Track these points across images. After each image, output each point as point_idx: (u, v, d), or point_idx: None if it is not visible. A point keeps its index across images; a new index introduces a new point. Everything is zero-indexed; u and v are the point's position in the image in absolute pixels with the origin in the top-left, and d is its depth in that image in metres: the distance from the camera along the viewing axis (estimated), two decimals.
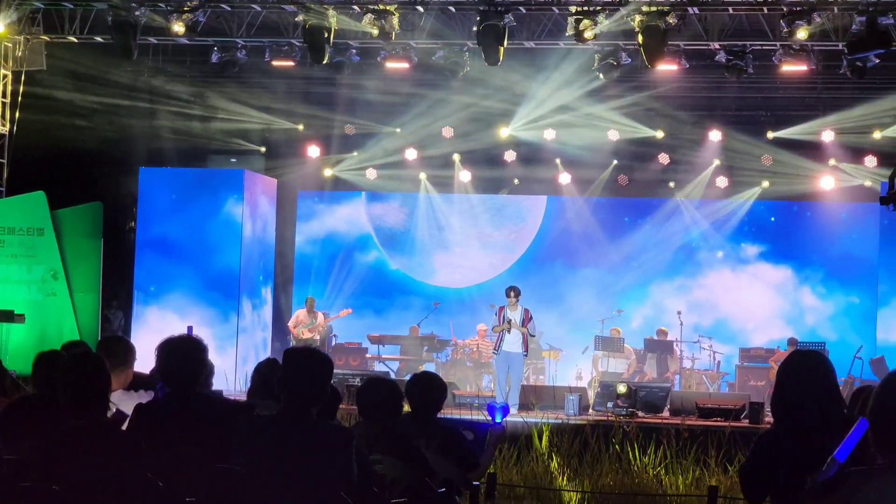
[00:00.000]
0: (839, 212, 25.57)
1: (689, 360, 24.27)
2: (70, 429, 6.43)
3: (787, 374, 6.17)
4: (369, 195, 27.70)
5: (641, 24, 18.26)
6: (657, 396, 20.16)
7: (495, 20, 18.74)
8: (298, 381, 6.59)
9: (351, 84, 22.93)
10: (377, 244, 27.72)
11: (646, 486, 15.86)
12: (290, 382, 6.61)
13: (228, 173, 24.86)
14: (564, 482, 16.06)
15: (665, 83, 22.38)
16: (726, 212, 26.32)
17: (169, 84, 22.78)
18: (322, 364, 6.70)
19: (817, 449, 5.06)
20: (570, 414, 19.02)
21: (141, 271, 24.21)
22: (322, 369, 6.67)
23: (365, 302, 26.71)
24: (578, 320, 25.88)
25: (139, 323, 23.98)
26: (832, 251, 25.62)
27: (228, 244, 24.11)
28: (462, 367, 24.84)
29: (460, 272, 27.32)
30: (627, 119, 23.82)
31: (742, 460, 12.26)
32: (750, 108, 24.03)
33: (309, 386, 6.59)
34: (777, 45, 19.53)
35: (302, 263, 27.45)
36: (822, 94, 22.73)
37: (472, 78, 21.77)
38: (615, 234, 26.78)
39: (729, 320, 26.08)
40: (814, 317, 25.80)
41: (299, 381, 6.59)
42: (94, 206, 23.49)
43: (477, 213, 27.55)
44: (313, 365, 6.67)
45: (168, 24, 19.62)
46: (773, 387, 6.44)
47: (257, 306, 24.98)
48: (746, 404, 19.10)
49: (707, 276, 26.47)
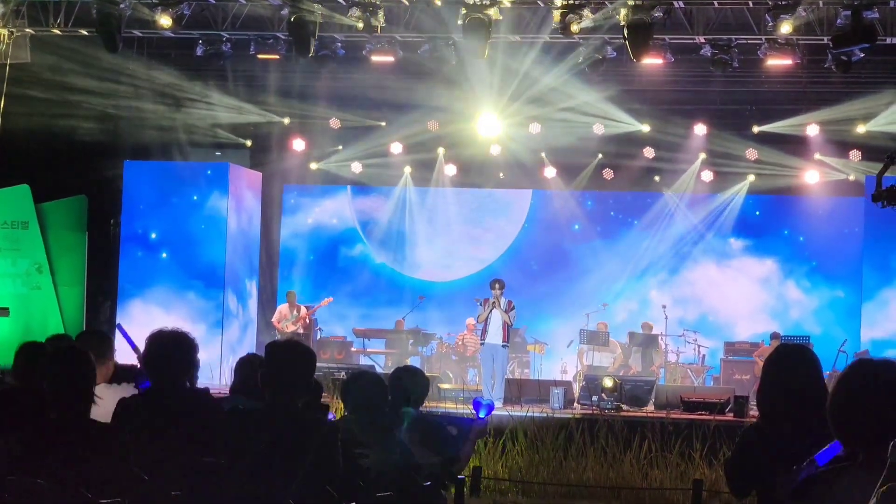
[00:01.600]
0: (824, 206, 25.61)
1: (674, 354, 24.31)
2: (55, 422, 6.42)
3: (773, 368, 6.17)
4: (354, 189, 27.68)
5: (627, 17, 18.26)
6: (642, 390, 20.20)
7: (481, 14, 18.72)
8: (282, 375, 6.59)
9: (336, 78, 22.89)
10: (362, 238, 27.70)
11: (630, 480, 15.89)
12: (274, 376, 6.61)
13: (213, 167, 24.83)
14: (549, 476, 16.09)
15: (651, 77, 22.37)
16: (711, 206, 26.35)
17: (154, 78, 22.71)
18: (305, 356, 6.69)
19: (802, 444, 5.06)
20: (555, 407, 19.05)
21: (126, 265, 24.17)
22: (305, 362, 6.67)
23: (350, 296, 26.69)
24: (563, 314, 25.90)
25: (123, 316, 23.94)
26: (817, 245, 25.67)
27: (213, 238, 24.08)
28: (447, 360, 24.86)
29: (445, 266, 27.32)
30: (613, 113, 23.81)
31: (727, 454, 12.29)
32: (735, 102, 24.04)
33: (293, 379, 6.59)
34: (762, 39, 19.55)
35: (287, 257, 27.42)
36: (808, 88, 22.74)
37: (457, 71, 21.76)
38: (600, 227, 26.80)
39: (714, 314, 26.12)
40: (798, 311, 25.85)
41: (283, 375, 6.59)
42: (79, 200, 23.48)
43: (462, 207, 27.55)
44: (296, 358, 6.67)
45: (154, 16, 19.57)
46: (758, 381, 6.46)
47: (242, 300, 24.96)
48: (731, 398, 19.14)
49: (692, 270, 26.50)
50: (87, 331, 12.32)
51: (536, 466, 16.22)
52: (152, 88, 23.06)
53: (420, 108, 23.84)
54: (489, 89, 23.18)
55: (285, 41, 20.58)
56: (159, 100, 23.60)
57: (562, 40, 19.86)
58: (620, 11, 18.32)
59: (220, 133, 24.83)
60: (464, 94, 23.31)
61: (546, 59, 21.36)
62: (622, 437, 16.74)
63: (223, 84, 23.60)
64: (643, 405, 19.75)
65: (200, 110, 24.13)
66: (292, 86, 23.87)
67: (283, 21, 19.98)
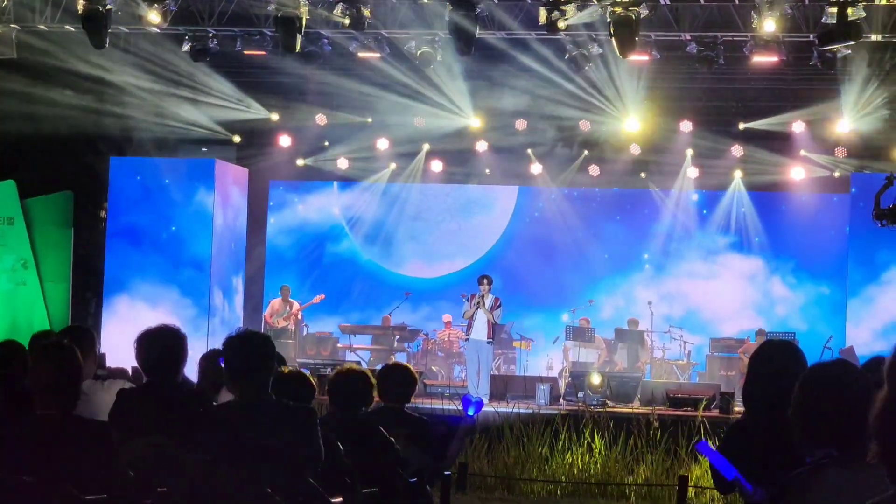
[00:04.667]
0: (809, 202, 25.66)
1: (659, 350, 24.35)
2: (40, 418, 6.42)
3: (759, 364, 6.20)
4: (341, 185, 27.68)
5: (613, 14, 18.26)
6: (628, 386, 20.25)
7: (467, 10, 18.72)
8: (245, 366, 6.63)
9: (323, 74, 22.87)
10: (349, 234, 27.70)
11: (616, 476, 15.92)
12: (238, 369, 6.65)
13: (199, 163, 24.76)
14: (535, 472, 16.11)
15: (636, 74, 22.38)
16: (697, 202, 26.41)
17: (140, 73, 22.66)
18: (259, 343, 6.73)
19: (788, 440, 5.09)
20: (540, 404, 19.09)
21: (112, 261, 24.12)
22: (261, 347, 6.70)
23: (337, 292, 26.68)
24: (549, 310, 25.94)
25: (109, 312, 23.91)
26: (802, 242, 25.72)
27: (199, 234, 24.04)
28: (433, 357, 24.89)
29: (432, 262, 27.34)
30: (598, 109, 23.81)
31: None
32: (721, 99, 24.07)
33: (255, 367, 6.62)
34: (748, 37, 19.57)
35: (273, 253, 27.41)
36: (793, 85, 22.78)
37: (443, 68, 21.77)
38: (586, 224, 26.83)
39: (699, 311, 26.16)
40: (784, 307, 25.91)
41: (246, 366, 6.63)
42: (65, 196, 23.43)
43: (448, 203, 27.57)
44: (252, 346, 6.70)
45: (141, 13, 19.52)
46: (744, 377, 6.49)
47: (228, 296, 24.93)
48: (717, 394, 19.21)
49: (678, 266, 26.54)
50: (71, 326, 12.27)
51: (522, 463, 16.25)
52: (138, 84, 23.00)
53: (406, 104, 23.83)
54: (474, 86, 23.21)
55: (272, 37, 20.56)
56: (145, 95, 23.54)
57: (548, 37, 19.86)
58: (606, 8, 18.32)
59: (207, 129, 24.78)
60: (450, 91, 23.32)
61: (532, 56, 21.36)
62: (608, 433, 16.78)
63: (209, 80, 23.56)
64: (629, 401, 19.80)
65: (187, 106, 24.08)
66: (279, 82, 23.85)
67: (269, 17, 19.95)
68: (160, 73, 22.61)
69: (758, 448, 5.87)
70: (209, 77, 23.20)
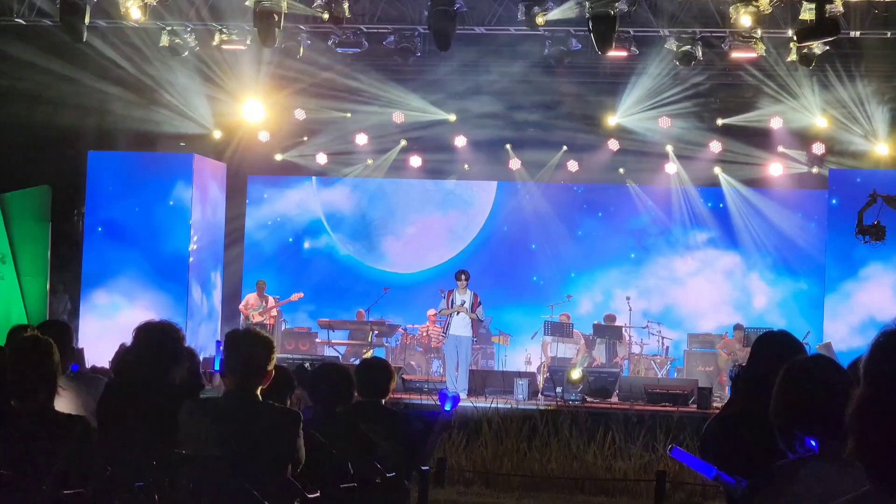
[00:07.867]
0: (787, 198, 25.74)
1: (637, 346, 24.40)
2: (18, 413, 6.39)
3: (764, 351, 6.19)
4: (320, 180, 27.67)
5: (592, 10, 18.26)
6: (606, 382, 20.26)
7: (446, 5, 18.71)
8: (241, 363, 6.62)
9: (301, 68, 22.82)
10: (327, 229, 27.70)
11: (594, 471, 15.94)
12: (234, 364, 6.64)
13: (178, 157, 24.72)
14: (513, 467, 16.11)
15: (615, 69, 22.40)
16: (676, 198, 26.44)
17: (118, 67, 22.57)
18: (262, 344, 6.71)
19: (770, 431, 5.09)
20: (519, 399, 19.08)
21: (90, 255, 24.06)
22: (262, 349, 6.68)
23: (315, 287, 26.65)
24: (528, 305, 25.96)
25: (87, 307, 23.86)
26: (780, 237, 25.80)
27: (178, 228, 24.00)
28: (412, 351, 24.89)
29: (411, 257, 27.35)
30: (577, 104, 23.82)
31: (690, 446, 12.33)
32: (699, 94, 24.08)
33: (251, 366, 6.61)
34: (727, 33, 19.60)
35: (252, 248, 27.38)
36: (772, 81, 22.81)
37: (423, 62, 21.76)
38: (565, 219, 26.88)
39: (678, 306, 26.23)
40: (762, 302, 26.00)
41: (242, 363, 6.62)
42: (43, 190, 23.35)
43: (427, 199, 27.59)
44: (254, 346, 6.68)
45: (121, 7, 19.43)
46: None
47: (207, 291, 24.90)
48: (694, 389, 19.23)
49: (656, 261, 26.61)
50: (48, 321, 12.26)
51: (500, 458, 16.25)
52: (117, 78, 22.91)
53: (385, 99, 23.83)
54: (454, 81, 23.21)
55: (250, 31, 20.51)
56: (123, 90, 23.45)
57: (527, 32, 19.86)
58: (585, 4, 18.32)
59: (185, 123, 24.69)
60: (429, 86, 23.33)
61: (511, 52, 21.38)
62: (586, 429, 16.80)
63: (188, 74, 23.48)
64: (607, 396, 19.81)
65: (165, 101, 24.00)
66: (257, 76, 23.78)
67: (248, 11, 19.89)
68: (139, 67, 22.52)
69: (743, 441, 5.84)
70: (188, 71, 23.12)
